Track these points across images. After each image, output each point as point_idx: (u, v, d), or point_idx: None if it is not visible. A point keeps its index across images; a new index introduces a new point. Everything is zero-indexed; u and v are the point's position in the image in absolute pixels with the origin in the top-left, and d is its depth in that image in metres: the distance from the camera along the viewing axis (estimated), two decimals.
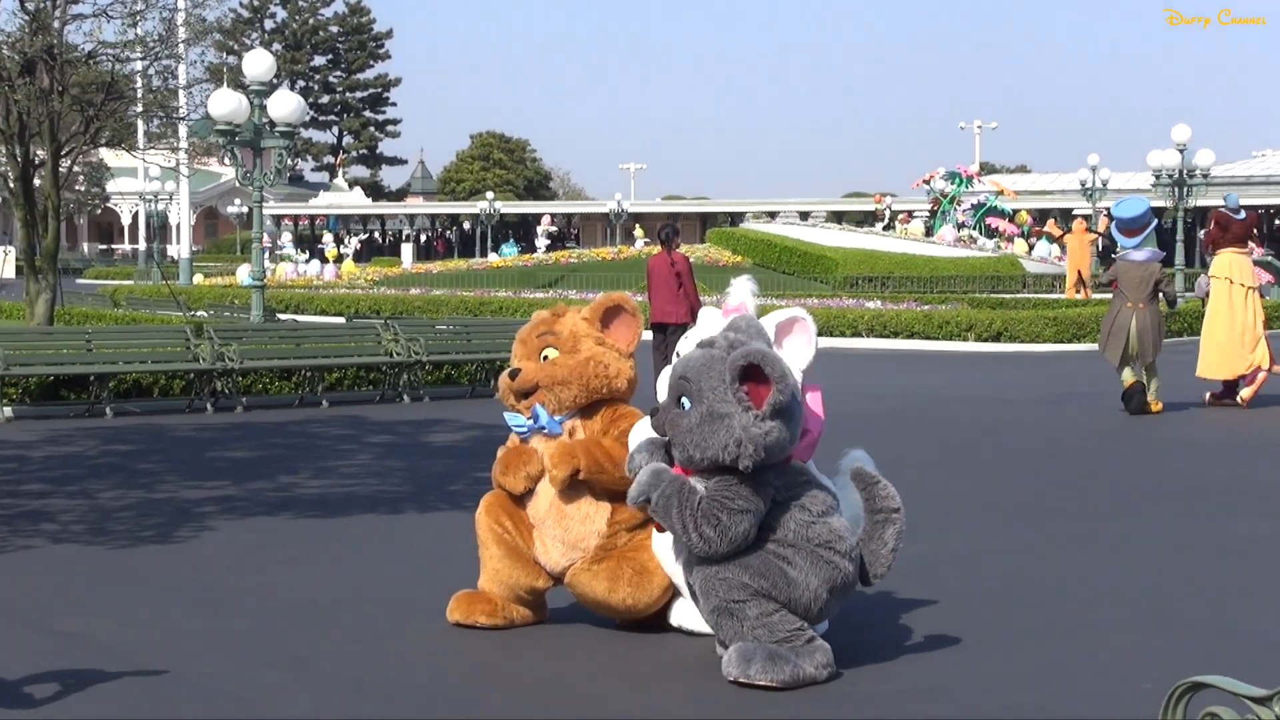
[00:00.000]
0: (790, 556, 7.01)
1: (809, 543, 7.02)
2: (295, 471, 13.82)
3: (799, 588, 7.00)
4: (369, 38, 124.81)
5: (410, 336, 21.12)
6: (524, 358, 8.01)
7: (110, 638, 7.95)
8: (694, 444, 6.93)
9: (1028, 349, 29.52)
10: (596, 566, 7.79)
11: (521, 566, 7.92)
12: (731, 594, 7.04)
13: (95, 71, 22.40)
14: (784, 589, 7.00)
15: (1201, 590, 9.25)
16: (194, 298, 39.72)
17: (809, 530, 7.04)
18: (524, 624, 8.09)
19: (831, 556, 7.03)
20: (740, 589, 7.01)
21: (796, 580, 6.99)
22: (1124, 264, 18.35)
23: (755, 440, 6.82)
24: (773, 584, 6.98)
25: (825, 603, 7.08)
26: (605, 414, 7.91)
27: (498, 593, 8.03)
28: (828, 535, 7.05)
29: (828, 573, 7.02)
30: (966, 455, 15.24)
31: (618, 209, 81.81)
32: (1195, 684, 4.43)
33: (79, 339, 19.52)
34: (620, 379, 7.95)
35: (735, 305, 7.62)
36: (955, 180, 58.10)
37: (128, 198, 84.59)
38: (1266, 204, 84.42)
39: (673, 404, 7.06)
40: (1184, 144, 38.86)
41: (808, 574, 7.00)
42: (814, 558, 7.01)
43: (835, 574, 7.04)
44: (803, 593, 7.00)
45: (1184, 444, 16.03)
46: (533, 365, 7.93)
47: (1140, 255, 18.23)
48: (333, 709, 6.80)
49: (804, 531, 7.03)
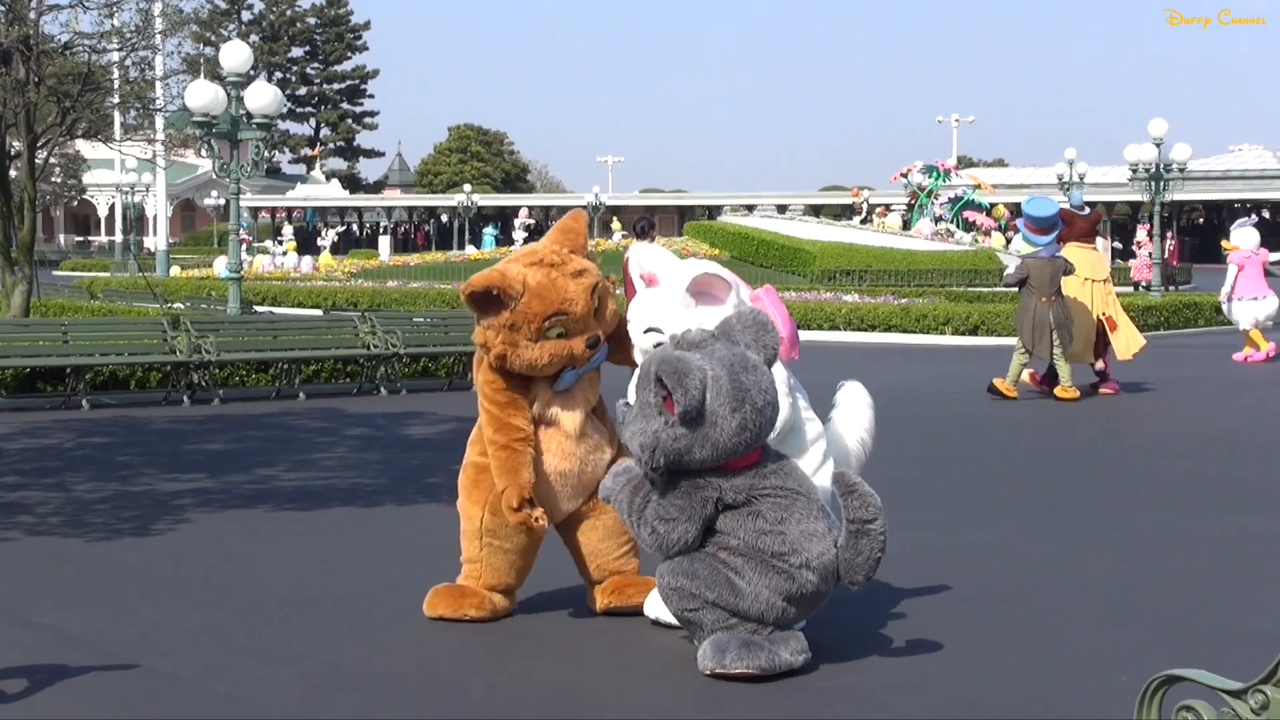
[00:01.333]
0: (739, 566, 6.93)
1: (759, 553, 6.92)
2: (273, 464, 13.80)
3: (746, 598, 6.91)
4: (346, 29, 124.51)
5: (388, 329, 21.07)
6: (584, 307, 8.01)
7: (87, 631, 7.93)
8: (626, 441, 7.08)
9: (1005, 342, 29.48)
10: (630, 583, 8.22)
11: (528, 557, 8.17)
12: (684, 604, 7.03)
13: (72, 62, 22.35)
14: (730, 599, 6.93)
15: (1178, 584, 9.28)
16: (171, 290, 39.61)
17: (759, 540, 6.92)
18: (504, 611, 8.13)
19: (785, 567, 6.90)
20: (691, 599, 6.98)
21: (744, 590, 6.91)
22: (1035, 261, 19.28)
23: (661, 447, 6.85)
24: (719, 595, 6.93)
25: (783, 611, 6.98)
26: None
27: (495, 583, 8.10)
28: (779, 546, 6.91)
29: (779, 583, 6.91)
30: (944, 449, 15.26)
31: (595, 202, 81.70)
32: (1171, 677, 4.44)
33: (55, 331, 19.44)
34: None
35: (647, 275, 7.76)
36: (933, 174, 58.13)
37: (104, 189, 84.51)
38: (1244, 198, 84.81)
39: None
40: (1161, 138, 38.90)
41: (757, 584, 6.90)
42: (764, 567, 6.91)
43: (790, 584, 6.92)
44: (751, 603, 6.92)
45: (1160, 439, 16.07)
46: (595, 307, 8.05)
47: (1047, 253, 19.24)
48: (311, 702, 6.78)
49: (754, 541, 6.92)
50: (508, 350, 7.74)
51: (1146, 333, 28.24)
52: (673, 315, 7.58)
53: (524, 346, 7.74)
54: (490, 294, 7.72)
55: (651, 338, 7.64)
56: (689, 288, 7.58)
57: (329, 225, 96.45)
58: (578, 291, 7.78)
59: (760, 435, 6.99)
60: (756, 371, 6.95)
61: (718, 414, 6.83)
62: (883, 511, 6.96)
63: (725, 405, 6.84)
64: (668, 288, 7.68)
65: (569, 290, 7.77)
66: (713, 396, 6.83)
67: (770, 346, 7.05)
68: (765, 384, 6.96)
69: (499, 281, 7.69)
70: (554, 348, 7.77)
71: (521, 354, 7.75)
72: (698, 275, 7.60)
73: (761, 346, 7.05)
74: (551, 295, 7.74)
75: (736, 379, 6.88)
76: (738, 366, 6.91)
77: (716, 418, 6.83)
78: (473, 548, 8.09)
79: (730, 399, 6.84)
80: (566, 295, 7.76)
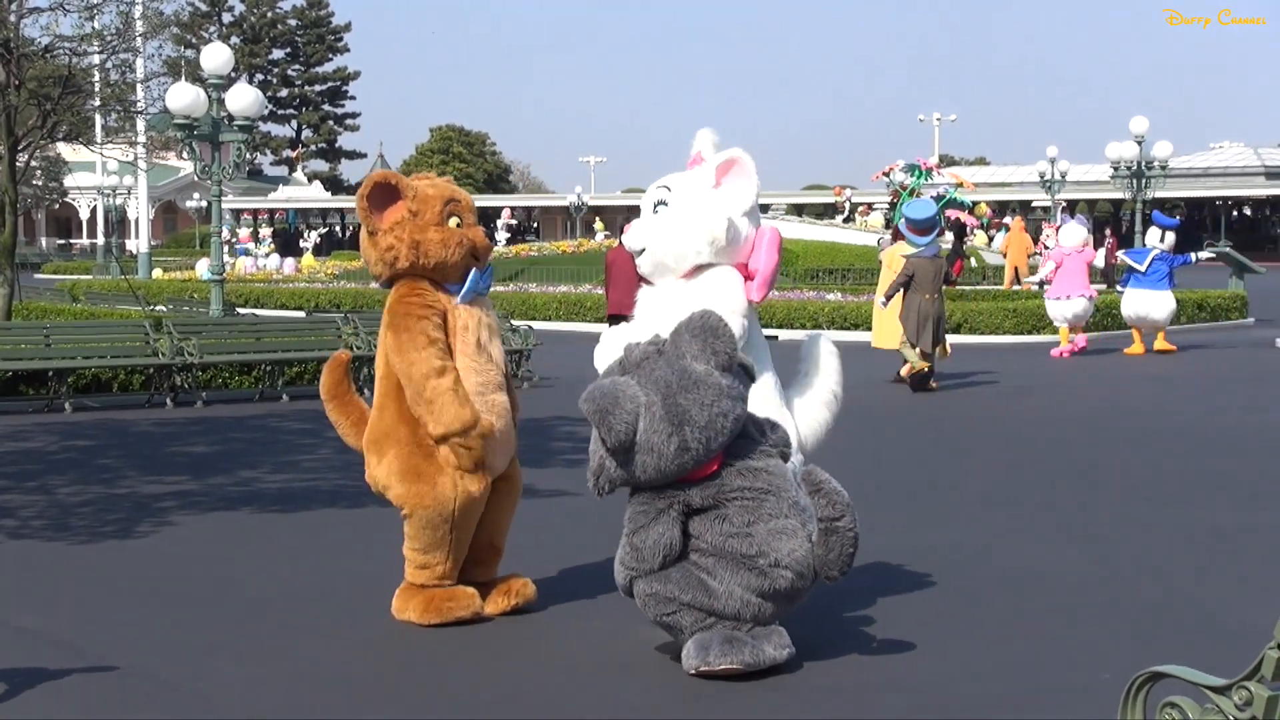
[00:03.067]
0: (710, 567, 6.94)
1: (729, 554, 6.93)
2: (256, 466, 13.77)
3: (720, 598, 6.92)
4: (327, 31, 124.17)
5: (370, 330, 21.03)
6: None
7: (68, 633, 7.91)
8: None
9: (988, 340, 29.57)
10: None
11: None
12: (660, 608, 7.03)
13: (52, 65, 22.28)
14: (704, 600, 6.94)
15: (1159, 579, 9.29)
16: (153, 292, 39.49)
17: (727, 543, 6.93)
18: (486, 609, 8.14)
19: (757, 564, 6.91)
20: (666, 603, 6.99)
21: (717, 591, 6.92)
22: (919, 260, 20.39)
23: (606, 472, 6.97)
24: (693, 597, 6.94)
25: (759, 608, 6.98)
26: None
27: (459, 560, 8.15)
28: (748, 549, 6.91)
29: (752, 580, 6.91)
30: (927, 448, 15.28)
31: (578, 202, 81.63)
32: (1155, 674, 4.45)
33: (37, 334, 19.38)
34: None
35: (694, 156, 7.98)
36: (915, 172, 57.98)
37: (86, 192, 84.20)
38: (1225, 195, 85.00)
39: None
40: (1142, 136, 38.98)
41: (729, 583, 6.91)
42: (736, 567, 6.91)
43: (763, 581, 6.92)
44: (726, 602, 6.93)
45: (1144, 434, 16.08)
46: None
47: (929, 252, 20.49)
48: (292, 702, 6.77)
49: (722, 544, 6.93)
50: (419, 239, 7.85)
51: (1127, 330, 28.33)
52: (689, 184, 7.93)
53: (431, 232, 7.87)
54: (389, 183, 7.95)
55: (659, 194, 7.94)
56: (718, 165, 7.89)
57: (311, 227, 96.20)
58: (462, 193, 8.14)
59: (709, 448, 6.93)
60: (699, 388, 6.89)
61: (653, 441, 6.83)
62: (851, 507, 6.93)
63: (661, 432, 6.83)
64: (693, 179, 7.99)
65: (455, 190, 8.11)
66: (646, 424, 6.83)
67: (722, 352, 7.01)
68: (709, 398, 6.89)
69: (392, 176, 8.01)
70: (458, 234, 7.95)
71: (430, 239, 7.86)
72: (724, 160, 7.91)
73: (711, 354, 6.99)
74: (442, 189, 8.06)
75: (672, 402, 6.85)
76: (675, 387, 6.88)
77: (652, 445, 6.84)
78: (432, 539, 7.96)
79: (666, 423, 6.83)
80: (454, 192, 8.08)
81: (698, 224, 7.77)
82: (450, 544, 7.94)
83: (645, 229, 7.90)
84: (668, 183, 7.97)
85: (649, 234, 7.88)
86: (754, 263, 7.92)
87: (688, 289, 7.80)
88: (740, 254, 7.88)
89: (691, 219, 7.77)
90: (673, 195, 7.89)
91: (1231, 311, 35.32)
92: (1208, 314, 34.39)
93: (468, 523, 7.95)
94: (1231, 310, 35.34)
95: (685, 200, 7.84)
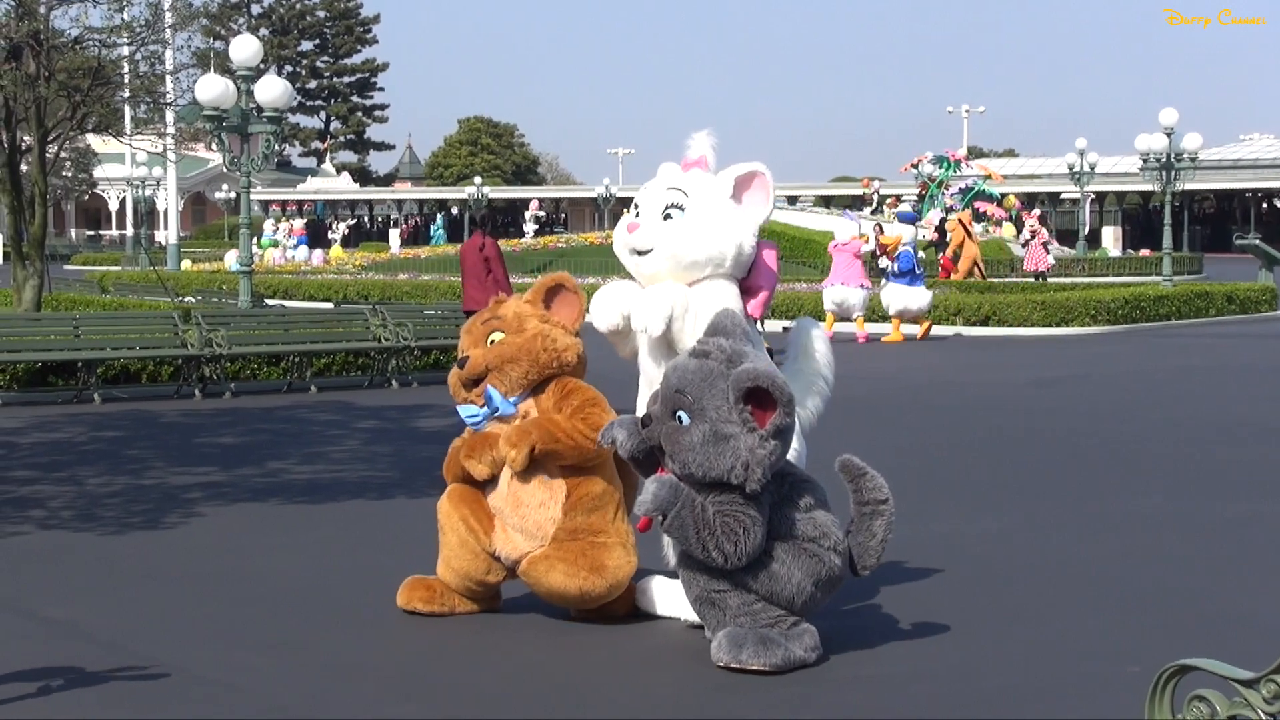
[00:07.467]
0: (774, 550, 7.00)
1: (795, 538, 7.01)
2: (283, 457, 13.81)
3: (780, 581, 7.00)
4: (356, 23, 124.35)
5: (398, 322, 21.08)
6: (471, 346, 7.99)
7: (98, 625, 7.94)
8: (697, 463, 6.88)
9: (1016, 332, 29.51)
10: (553, 556, 7.68)
11: (473, 558, 7.88)
12: (714, 584, 7.04)
13: (82, 57, 22.30)
14: (766, 582, 7.00)
15: (1189, 572, 9.26)
16: (182, 283, 39.63)
17: (794, 527, 7.03)
18: (465, 613, 8.07)
19: (816, 550, 7.02)
20: (722, 579, 7.01)
21: (779, 574, 6.99)
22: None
23: (762, 463, 6.82)
24: (754, 576, 6.98)
25: (810, 595, 7.07)
26: (554, 389, 7.85)
27: (451, 580, 8.04)
28: (813, 531, 7.04)
29: (812, 566, 7.01)
30: (954, 438, 15.24)
31: (606, 194, 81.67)
32: (1183, 667, 4.43)
33: (67, 325, 19.47)
34: (569, 352, 7.90)
35: (695, 159, 7.79)
36: (943, 164, 57.92)
37: (115, 183, 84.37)
38: (1255, 187, 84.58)
39: (667, 416, 6.99)
40: (1171, 128, 38.81)
41: (791, 567, 6.99)
42: (798, 551, 7.00)
43: (820, 567, 7.03)
44: (785, 586, 7.00)
45: (1171, 426, 16.03)
46: (480, 350, 7.91)
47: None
48: (321, 695, 6.79)
49: (789, 528, 7.02)
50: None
51: (1156, 322, 28.40)
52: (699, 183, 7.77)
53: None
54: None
55: (672, 196, 7.73)
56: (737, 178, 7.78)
57: (339, 218, 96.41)
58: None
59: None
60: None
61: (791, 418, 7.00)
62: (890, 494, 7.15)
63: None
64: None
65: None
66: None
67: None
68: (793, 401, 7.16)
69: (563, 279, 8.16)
70: None
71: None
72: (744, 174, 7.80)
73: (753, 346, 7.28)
74: None
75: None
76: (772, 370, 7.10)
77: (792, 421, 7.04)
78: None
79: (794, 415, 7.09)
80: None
81: (720, 240, 7.62)
82: (440, 545, 8.18)
83: (659, 232, 7.64)
84: (682, 186, 7.72)
85: (663, 238, 7.63)
86: (756, 280, 7.84)
87: (689, 295, 7.68)
88: (742, 270, 7.81)
89: (714, 233, 7.61)
90: (690, 202, 7.65)
91: (1261, 304, 35.19)
92: (1237, 306, 34.30)
93: (446, 533, 8.12)
94: (1261, 303, 35.21)
95: (706, 210, 7.63)
